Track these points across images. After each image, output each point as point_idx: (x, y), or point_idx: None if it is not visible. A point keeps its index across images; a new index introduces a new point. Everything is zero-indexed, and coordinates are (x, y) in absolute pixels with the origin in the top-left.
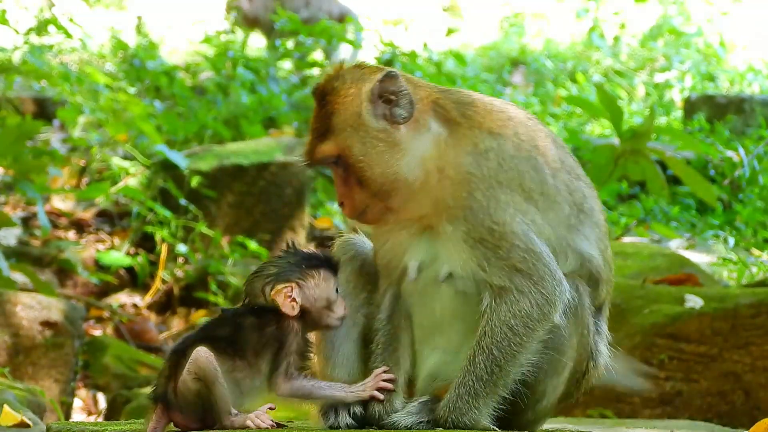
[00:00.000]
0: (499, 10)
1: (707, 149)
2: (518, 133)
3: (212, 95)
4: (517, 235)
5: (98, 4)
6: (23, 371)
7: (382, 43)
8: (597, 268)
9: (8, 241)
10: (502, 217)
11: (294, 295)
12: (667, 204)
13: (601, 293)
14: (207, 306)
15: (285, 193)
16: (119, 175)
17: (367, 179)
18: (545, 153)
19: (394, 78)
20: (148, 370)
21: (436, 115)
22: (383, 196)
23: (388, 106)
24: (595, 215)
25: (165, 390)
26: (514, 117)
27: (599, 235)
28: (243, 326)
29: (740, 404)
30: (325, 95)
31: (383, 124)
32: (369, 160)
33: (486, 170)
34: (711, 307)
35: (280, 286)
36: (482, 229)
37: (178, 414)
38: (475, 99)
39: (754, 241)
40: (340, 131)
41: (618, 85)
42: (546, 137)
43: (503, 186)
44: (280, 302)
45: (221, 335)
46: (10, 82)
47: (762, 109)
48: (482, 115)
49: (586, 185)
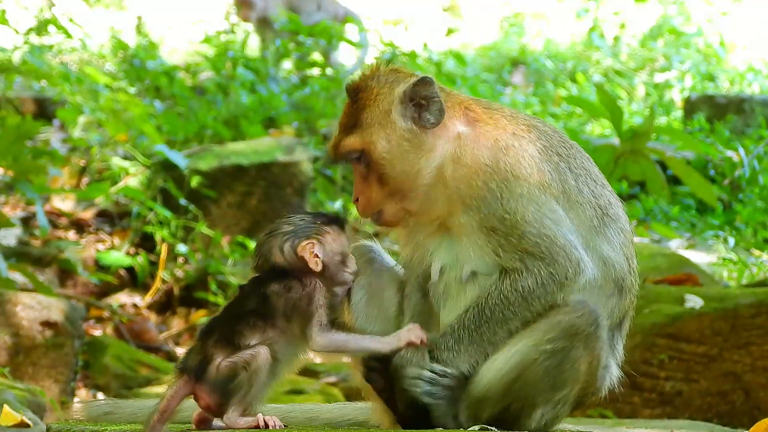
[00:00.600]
0: (499, 10)
1: (707, 149)
2: (540, 138)
3: (212, 95)
4: (529, 222)
5: (98, 4)
6: (23, 371)
7: (382, 43)
8: (621, 274)
9: (8, 241)
10: (515, 206)
11: (316, 251)
12: (667, 204)
13: (625, 303)
14: (207, 306)
15: (285, 193)
16: (119, 175)
17: (387, 177)
18: (569, 160)
19: (428, 83)
20: (148, 370)
21: (465, 118)
22: (401, 195)
23: (419, 109)
24: (621, 222)
25: (198, 365)
26: (540, 127)
27: (624, 241)
28: (268, 295)
29: (740, 404)
30: (358, 92)
31: (411, 126)
32: (392, 158)
33: (503, 164)
34: (711, 307)
35: (304, 243)
36: (494, 219)
37: (206, 390)
38: (504, 108)
39: (754, 241)
40: (368, 127)
41: (618, 85)
42: (571, 148)
43: (520, 180)
44: (307, 258)
45: (249, 309)
46: (10, 82)
47: (762, 109)
48: (508, 120)
49: (613, 196)
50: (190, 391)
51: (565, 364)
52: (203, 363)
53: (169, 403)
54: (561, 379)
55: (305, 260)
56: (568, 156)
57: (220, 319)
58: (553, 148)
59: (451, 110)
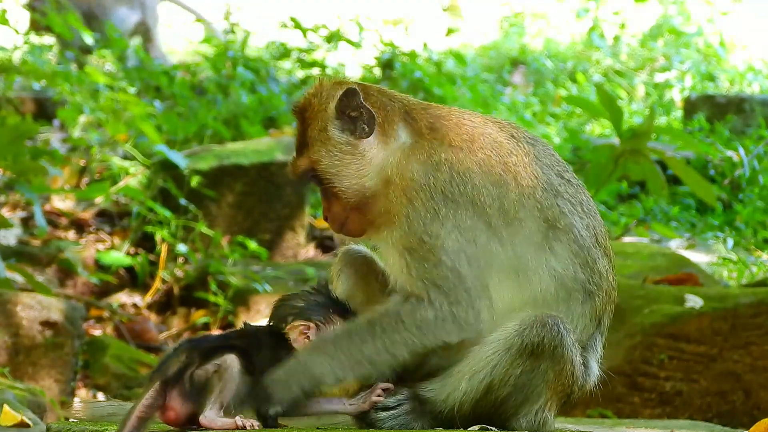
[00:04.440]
0: (499, 10)
1: (707, 149)
2: (485, 148)
3: (212, 95)
4: (447, 251)
5: None
6: (23, 371)
7: (382, 43)
8: (582, 283)
9: (8, 241)
10: (437, 230)
11: (310, 334)
12: (667, 204)
13: (597, 304)
14: (207, 306)
15: (285, 193)
16: (119, 175)
17: (338, 191)
18: (515, 170)
19: (352, 95)
20: (148, 370)
21: (406, 126)
22: (357, 206)
23: (353, 121)
24: (573, 231)
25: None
26: (488, 134)
27: (577, 250)
28: (261, 343)
29: (740, 404)
30: (303, 111)
31: (348, 138)
32: (336, 171)
33: (433, 180)
34: (711, 307)
35: (297, 323)
36: (414, 239)
37: (179, 399)
38: (450, 114)
39: (754, 241)
40: (312, 145)
41: (618, 85)
42: (524, 156)
43: (448, 199)
44: (293, 337)
45: (240, 346)
46: (10, 82)
47: (762, 109)
48: (449, 129)
49: (571, 201)
50: (162, 401)
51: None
52: (180, 371)
53: (147, 411)
54: (536, 393)
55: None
56: (516, 165)
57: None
58: (500, 157)
59: (390, 115)
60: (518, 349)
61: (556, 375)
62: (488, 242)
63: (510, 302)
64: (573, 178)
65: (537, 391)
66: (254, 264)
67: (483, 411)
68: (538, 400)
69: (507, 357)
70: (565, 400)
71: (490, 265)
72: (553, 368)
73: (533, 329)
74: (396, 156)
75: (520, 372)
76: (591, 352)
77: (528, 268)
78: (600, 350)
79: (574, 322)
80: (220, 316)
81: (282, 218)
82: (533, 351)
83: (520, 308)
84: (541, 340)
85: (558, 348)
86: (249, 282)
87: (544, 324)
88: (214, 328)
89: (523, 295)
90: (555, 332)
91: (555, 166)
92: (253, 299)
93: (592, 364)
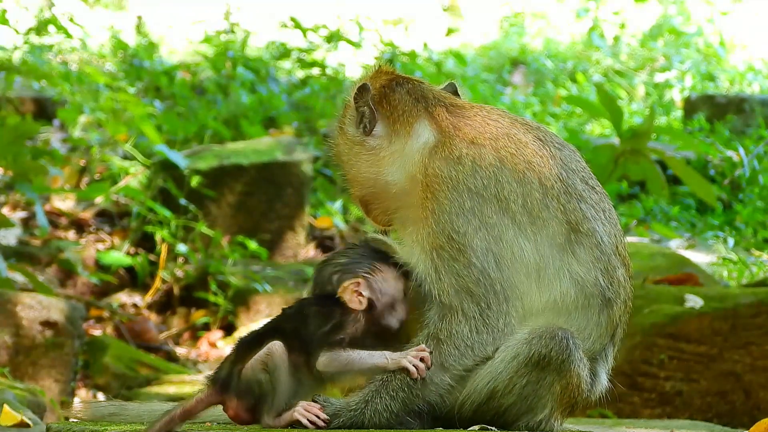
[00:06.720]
0: (499, 10)
1: (707, 149)
2: (508, 146)
3: (212, 95)
4: (476, 251)
5: (98, 4)
6: (23, 371)
7: (382, 43)
8: (601, 291)
9: (8, 241)
10: (465, 227)
11: (361, 290)
12: (667, 204)
13: (614, 314)
14: (207, 306)
15: (285, 193)
16: (119, 175)
17: (351, 182)
18: (539, 170)
19: (363, 91)
20: (148, 370)
21: (430, 123)
22: (371, 198)
23: (361, 116)
24: (596, 236)
25: (228, 374)
26: (514, 135)
27: (599, 255)
28: (307, 315)
29: (740, 404)
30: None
31: (355, 131)
32: (350, 162)
33: (455, 173)
34: (711, 307)
35: (346, 283)
36: (442, 237)
37: (234, 398)
38: (477, 113)
39: (754, 241)
40: (337, 135)
41: (618, 85)
42: (550, 158)
43: (473, 192)
44: (347, 299)
45: (284, 328)
46: (10, 82)
47: (762, 109)
48: (474, 127)
49: (594, 207)
50: (218, 400)
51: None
52: (231, 373)
53: (196, 405)
54: (541, 404)
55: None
56: (541, 166)
57: (262, 333)
58: (524, 157)
59: (413, 116)
60: (525, 358)
61: (563, 388)
62: (514, 240)
63: (529, 306)
64: (597, 186)
65: (542, 402)
66: (254, 264)
67: (485, 416)
68: (543, 410)
69: (513, 365)
70: (569, 410)
71: (515, 265)
72: (559, 382)
73: (542, 340)
74: (418, 153)
75: (526, 382)
76: (601, 363)
77: (550, 271)
78: (611, 361)
79: (589, 331)
80: (220, 316)
81: (282, 218)
82: (539, 362)
83: (539, 313)
84: (549, 351)
85: (565, 362)
86: (249, 282)
87: (553, 336)
88: (213, 329)
89: (543, 299)
90: (564, 346)
91: (580, 171)
92: (253, 299)
93: (601, 374)
